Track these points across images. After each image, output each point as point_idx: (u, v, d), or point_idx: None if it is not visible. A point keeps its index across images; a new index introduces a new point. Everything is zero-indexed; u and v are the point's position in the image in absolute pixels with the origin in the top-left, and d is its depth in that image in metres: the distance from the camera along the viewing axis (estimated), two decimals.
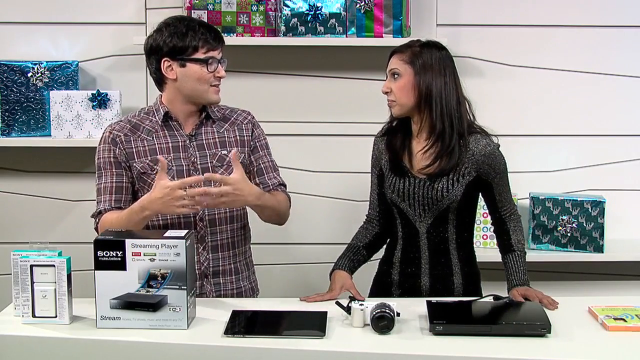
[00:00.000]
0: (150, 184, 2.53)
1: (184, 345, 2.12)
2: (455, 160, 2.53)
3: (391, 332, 2.16)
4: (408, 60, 2.55)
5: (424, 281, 2.62)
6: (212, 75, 2.53)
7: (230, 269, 2.63)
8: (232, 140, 2.62)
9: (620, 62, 3.51)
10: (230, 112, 2.68)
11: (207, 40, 2.51)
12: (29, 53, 3.45)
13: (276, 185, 2.66)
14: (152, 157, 2.56)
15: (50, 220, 3.56)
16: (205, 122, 2.62)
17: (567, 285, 3.57)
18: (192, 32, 2.51)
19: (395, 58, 2.59)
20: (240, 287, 2.66)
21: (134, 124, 2.60)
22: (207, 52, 2.52)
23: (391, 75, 2.58)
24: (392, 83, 2.57)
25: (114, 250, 2.16)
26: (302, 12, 3.32)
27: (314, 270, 3.53)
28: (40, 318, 2.22)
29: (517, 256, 2.60)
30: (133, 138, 2.57)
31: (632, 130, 3.55)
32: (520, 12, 3.49)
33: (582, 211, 3.39)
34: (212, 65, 2.52)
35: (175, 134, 2.59)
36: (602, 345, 2.13)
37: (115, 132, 2.58)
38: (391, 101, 2.58)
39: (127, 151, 2.56)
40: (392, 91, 2.56)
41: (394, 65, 2.58)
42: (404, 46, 2.60)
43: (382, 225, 2.71)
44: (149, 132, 2.58)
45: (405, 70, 2.55)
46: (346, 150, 3.49)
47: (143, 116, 2.62)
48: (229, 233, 2.62)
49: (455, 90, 2.55)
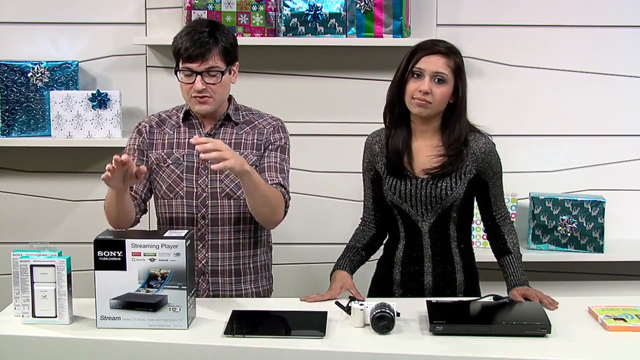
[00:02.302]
0: (161, 176, 2.60)
1: (184, 345, 2.12)
2: (461, 162, 2.55)
3: (391, 332, 2.16)
4: (454, 68, 2.52)
5: (427, 280, 2.62)
6: (189, 87, 2.52)
7: (230, 270, 2.63)
8: (248, 142, 2.61)
9: (620, 62, 3.51)
10: (258, 116, 2.67)
11: (186, 50, 2.48)
12: (29, 53, 3.45)
13: (274, 183, 2.57)
14: (167, 150, 2.61)
15: (50, 220, 3.56)
16: (227, 124, 2.62)
17: (567, 285, 3.57)
18: (180, 40, 2.50)
19: (441, 60, 2.51)
20: (241, 290, 2.64)
21: (162, 118, 2.68)
22: (184, 62, 2.50)
23: (432, 77, 2.50)
24: (434, 86, 2.50)
25: (114, 250, 2.16)
26: (302, 12, 3.32)
27: (314, 270, 3.53)
28: (40, 318, 2.22)
29: (515, 258, 2.61)
30: (157, 131, 2.65)
31: (632, 130, 3.55)
32: (520, 12, 3.49)
33: (582, 211, 3.39)
34: (189, 77, 2.51)
35: (195, 131, 2.62)
36: (602, 345, 2.13)
37: (143, 124, 2.68)
38: (426, 102, 2.50)
39: (148, 142, 2.64)
40: (432, 93, 2.50)
41: (441, 68, 2.50)
42: (446, 48, 2.53)
43: (378, 227, 2.71)
44: (173, 126, 2.65)
45: (450, 78, 2.51)
46: (346, 150, 3.48)
47: (173, 112, 2.69)
48: (231, 234, 2.61)
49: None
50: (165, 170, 2.60)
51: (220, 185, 2.58)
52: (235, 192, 2.58)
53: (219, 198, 2.58)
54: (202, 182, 2.58)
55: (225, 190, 2.58)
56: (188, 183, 2.59)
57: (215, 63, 2.50)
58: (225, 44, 2.52)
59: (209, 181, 2.58)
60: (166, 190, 2.61)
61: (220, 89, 2.54)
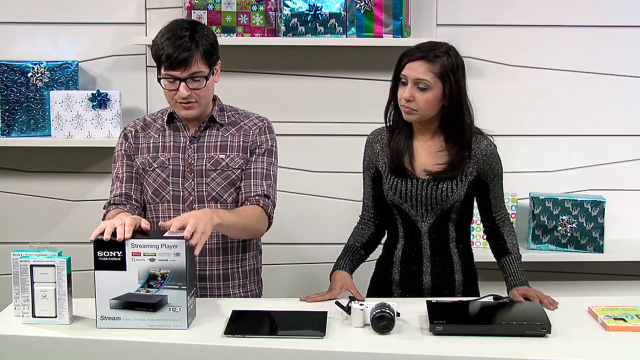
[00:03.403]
0: (147, 180, 2.58)
1: (184, 345, 2.12)
2: (464, 166, 2.54)
3: (391, 332, 2.16)
4: (439, 74, 2.45)
5: (426, 280, 2.62)
6: (173, 93, 2.48)
7: (218, 274, 2.60)
8: (234, 145, 2.59)
9: (620, 62, 3.51)
10: (243, 117, 2.65)
11: (169, 57, 2.42)
12: (29, 53, 3.45)
13: (256, 195, 2.54)
14: (153, 154, 2.59)
15: (50, 220, 3.56)
16: (212, 126, 2.60)
17: (567, 285, 3.57)
18: (161, 46, 2.43)
19: (422, 66, 2.46)
20: (229, 294, 2.61)
21: (147, 122, 2.65)
22: (167, 70, 2.45)
23: (414, 84, 2.47)
24: (416, 93, 2.47)
25: (114, 250, 2.16)
26: (302, 12, 3.32)
27: (314, 270, 3.53)
28: (40, 318, 2.21)
29: (514, 258, 2.61)
30: (142, 135, 2.62)
31: (632, 130, 3.55)
32: (520, 12, 3.49)
33: (582, 211, 3.39)
34: (172, 84, 2.46)
35: (180, 134, 2.60)
36: (602, 345, 2.13)
37: (128, 128, 2.66)
38: (411, 109, 2.49)
39: (134, 146, 2.62)
40: (415, 100, 2.48)
41: (422, 75, 2.46)
42: (431, 54, 2.47)
43: (377, 226, 2.71)
44: (158, 130, 2.62)
45: (435, 84, 2.46)
46: (346, 150, 3.48)
47: (158, 115, 2.67)
48: (219, 238, 2.57)
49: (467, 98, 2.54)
50: (151, 174, 2.58)
51: (207, 188, 2.56)
52: (221, 196, 2.56)
53: (206, 202, 2.55)
54: (189, 186, 2.55)
55: (212, 194, 2.56)
56: (174, 187, 2.56)
57: (199, 68, 2.45)
58: (206, 46, 2.45)
59: (195, 184, 2.55)
60: (152, 195, 2.58)
61: (204, 93, 2.50)
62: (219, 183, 2.56)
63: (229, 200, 2.57)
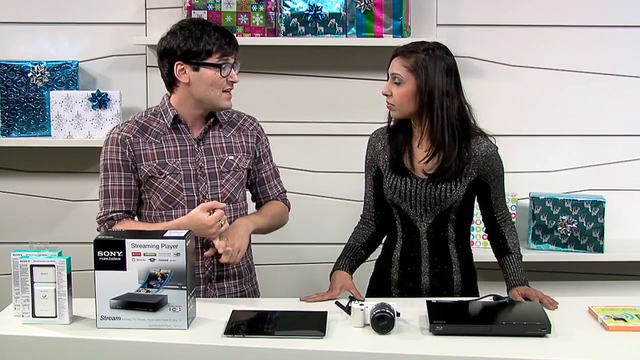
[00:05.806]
0: (157, 187, 2.53)
1: (184, 345, 2.12)
2: (456, 169, 2.52)
3: (391, 332, 2.16)
4: (411, 68, 2.49)
5: (424, 280, 2.62)
6: (224, 80, 2.49)
7: (233, 273, 2.63)
8: (238, 145, 2.61)
9: (620, 62, 3.51)
10: (237, 116, 2.66)
11: (221, 45, 2.47)
12: (29, 53, 3.45)
13: (276, 195, 2.71)
14: (159, 160, 2.53)
15: (50, 220, 3.56)
16: (213, 127, 2.60)
17: (567, 285, 3.57)
18: (206, 36, 2.47)
19: (397, 62, 2.53)
20: (244, 290, 2.66)
21: (142, 125, 2.56)
22: (221, 57, 2.48)
23: (393, 79, 2.53)
24: (393, 87, 2.53)
25: (114, 250, 2.16)
26: (302, 12, 3.32)
27: (314, 270, 3.53)
28: (40, 318, 2.22)
29: (515, 258, 2.61)
30: (141, 140, 2.54)
31: (632, 130, 3.55)
32: (520, 12, 3.49)
33: (582, 211, 3.39)
34: (225, 70, 2.49)
35: (184, 137, 2.56)
36: (602, 345, 2.13)
37: (123, 134, 2.54)
38: (390, 104, 2.55)
39: (135, 153, 2.53)
40: (392, 95, 2.53)
41: (396, 69, 2.52)
42: (408, 50, 2.53)
43: (377, 225, 2.71)
44: (157, 134, 2.55)
45: (407, 78, 2.50)
46: (346, 150, 3.48)
47: (150, 117, 2.58)
48: None
49: (457, 98, 2.52)
50: (161, 181, 2.52)
51: (222, 190, 2.57)
52: (234, 196, 2.59)
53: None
54: (203, 189, 2.55)
55: (227, 195, 2.57)
56: (188, 192, 2.54)
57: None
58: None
59: (209, 187, 2.55)
60: (164, 202, 2.53)
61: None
62: (233, 184, 2.58)
63: (239, 199, 2.62)
